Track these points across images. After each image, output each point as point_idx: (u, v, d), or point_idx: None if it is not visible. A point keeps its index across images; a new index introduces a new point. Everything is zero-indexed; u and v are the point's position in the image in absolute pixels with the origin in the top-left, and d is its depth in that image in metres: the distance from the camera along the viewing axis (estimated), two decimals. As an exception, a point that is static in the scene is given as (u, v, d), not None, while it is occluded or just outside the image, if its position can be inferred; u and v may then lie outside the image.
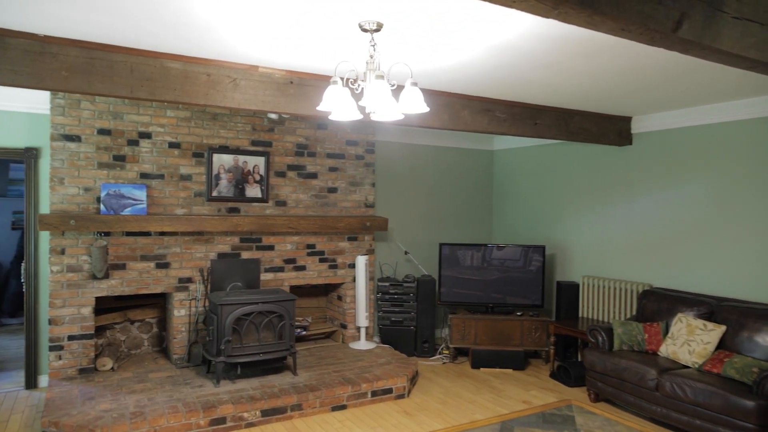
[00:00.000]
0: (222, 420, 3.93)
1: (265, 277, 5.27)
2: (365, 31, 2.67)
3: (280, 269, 5.35)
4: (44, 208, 4.66)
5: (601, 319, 5.50)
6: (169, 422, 3.75)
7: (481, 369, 5.52)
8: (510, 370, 5.49)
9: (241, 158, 5.15)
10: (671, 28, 1.85)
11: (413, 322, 5.90)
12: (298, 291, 5.85)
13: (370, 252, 5.85)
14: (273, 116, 5.22)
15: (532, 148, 6.54)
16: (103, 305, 4.93)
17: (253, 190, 5.22)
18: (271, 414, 4.11)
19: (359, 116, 2.70)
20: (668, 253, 5.00)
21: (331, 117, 2.57)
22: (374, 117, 2.75)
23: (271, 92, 3.55)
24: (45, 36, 2.94)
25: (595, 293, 5.56)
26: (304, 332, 5.53)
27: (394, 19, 2.61)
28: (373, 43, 2.68)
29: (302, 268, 5.47)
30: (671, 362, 4.22)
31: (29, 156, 4.58)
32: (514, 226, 6.78)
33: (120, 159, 4.66)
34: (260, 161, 5.24)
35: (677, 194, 4.94)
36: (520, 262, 5.79)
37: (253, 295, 4.57)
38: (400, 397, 4.66)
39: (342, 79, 2.70)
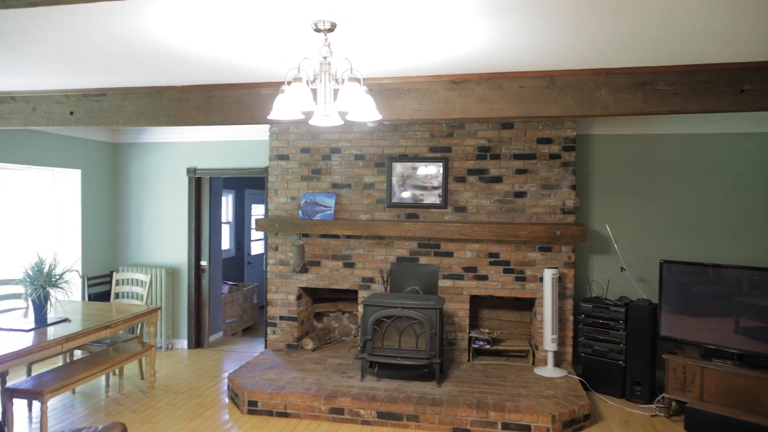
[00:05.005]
0: (340, 411, 4.23)
1: (443, 283, 5.24)
2: (319, 30, 2.57)
3: (459, 277, 5.21)
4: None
5: None
6: (296, 401, 4.29)
7: (698, 436, 4.04)
8: (744, 449, 3.83)
9: (419, 165, 5.28)
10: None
11: (621, 356, 4.76)
12: (487, 302, 5.53)
13: (568, 265, 5.02)
14: (371, 124, 5.27)
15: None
16: (321, 295, 5.89)
17: (431, 197, 5.27)
18: (386, 417, 4.16)
19: (300, 116, 2.61)
20: None
21: (271, 117, 2.58)
22: (313, 121, 2.60)
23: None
24: (182, 86, 3.91)
25: None
26: (487, 346, 5.20)
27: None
28: (327, 44, 2.56)
29: (484, 277, 5.17)
30: None
31: (265, 173, 5.91)
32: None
33: (316, 172, 5.51)
34: (438, 167, 5.24)
35: None
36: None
37: (401, 300, 4.66)
38: (539, 438, 3.93)
39: (307, 80, 2.67)
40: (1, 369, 3.37)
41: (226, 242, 8.17)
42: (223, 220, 8.05)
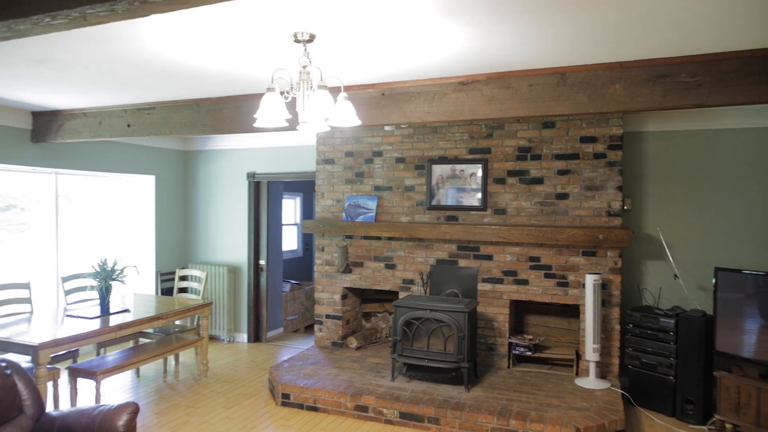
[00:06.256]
0: (364, 408, 4.32)
1: (482, 287, 5.16)
2: (298, 41, 2.71)
3: (499, 281, 5.10)
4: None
5: None
6: (324, 396, 4.46)
7: (750, 463, 3.64)
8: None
9: (458, 167, 5.24)
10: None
11: (671, 371, 4.40)
12: (533, 308, 5.34)
13: (614, 271, 4.73)
14: (388, 128, 5.22)
15: None
16: (369, 296, 6.04)
17: (471, 199, 5.21)
18: (408, 418, 4.19)
19: (284, 124, 2.74)
20: None
21: (258, 124, 2.73)
22: (303, 128, 2.71)
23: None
24: (217, 98, 4.23)
25: None
26: (528, 353, 5.04)
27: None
28: (306, 53, 2.69)
29: (524, 282, 5.02)
30: None
31: (314, 177, 6.16)
32: None
33: (359, 175, 5.65)
34: (477, 169, 5.18)
35: None
36: None
37: (431, 302, 4.67)
38: (560, 451, 3.76)
39: (289, 90, 2.81)
40: (59, 350, 3.86)
41: (293, 243, 8.58)
42: (290, 221, 8.46)
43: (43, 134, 5.02)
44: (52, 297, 5.65)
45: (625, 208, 5.03)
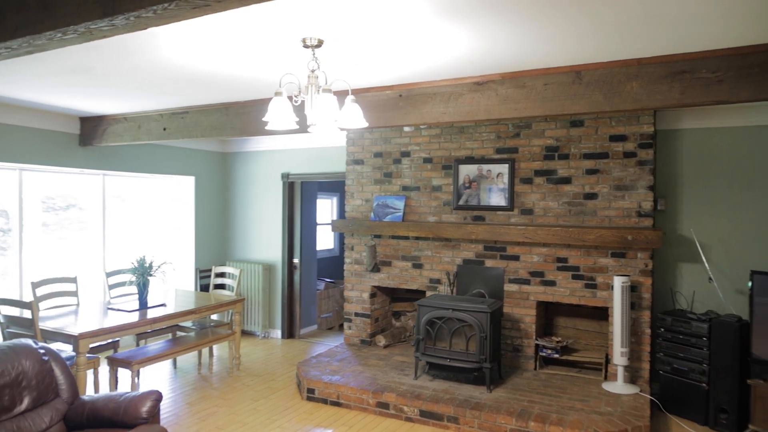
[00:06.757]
0: (385, 405, 4.39)
1: (509, 287, 5.12)
2: (307, 47, 2.80)
3: (526, 281, 5.04)
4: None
5: None
6: (347, 392, 4.55)
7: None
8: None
9: (485, 167, 5.22)
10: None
11: (704, 377, 4.24)
12: (563, 309, 5.25)
13: (645, 273, 4.59)
14: (407, 129, 5.18)
15: None
16: (399, 295, 6.10)
17: (498, 199, 5.17)
18: (428, 416, 4.23)
19: (295, 126, 2.83)
20: None
21: (269, 127, 2.84)
22: (313, 129, 2.80)
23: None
24: (245, 101, 4.40)
25: None
26: (556, 355, 4.96)
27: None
28: (315, 58, 2.78)
29: (551, 283, 4.95)
30: None
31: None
32: None
33: (388, 175, 5.72)
34: (504, 168, 5.14)
35: None
36: None
37: (454, 302, 4.68)
38: (580, 455, 3.70)
39: (294, 94, 2.91)
40: (98, 340, 4.12)
41: (329, 242, 8.73)
42: (327, 221, 8.61)
43: (89, 138, 5.35)
44: (99, 291, 6.01)
45: (659, 208, 4.88)
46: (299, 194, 6.76)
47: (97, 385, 4.48)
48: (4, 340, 3.92)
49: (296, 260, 6.76)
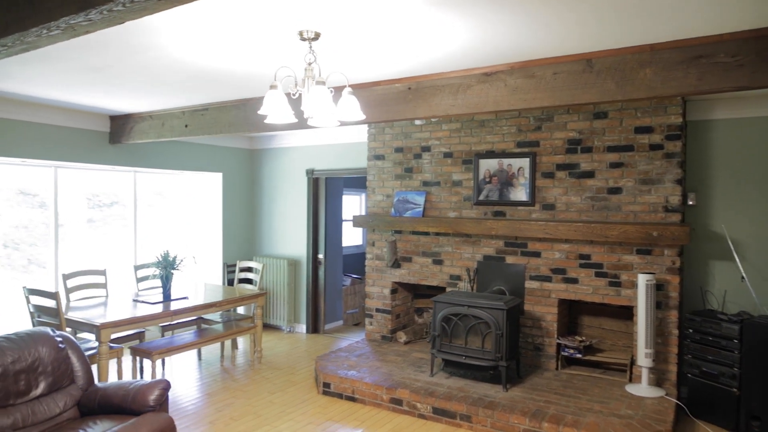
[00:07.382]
0: (399, 401, 4.36)
1: (530, 285, 4.99)
2: (304, 39, 2.79)
3: (547, 279, 4.90)
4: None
5: None
6: (361, 387, 4.54)
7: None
8: None
9: (506, 161, 5.10)
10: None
11: (734, 382, 4.01)
12: (588, 308, 5.07)
13: (672, 271, 4.38)
14: (418, 122, 5.07)
15: None
16: (421, 291, 6.05)
17: (518, 193, 5.05)
18: (440, 414, 4.17)
19: (293, 119, 2.83)
20: None
21: (267, 121, 2.84)
22: (311, 122, 2.79)
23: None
24: (261, 97, 4.45)
25: None
26: (578, 355, 4.80)
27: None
28: (311, 50, 2.77)
29: (573, 280, 4.79)
30: None
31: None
32: None
33: (408, 171, 5.67)
34: (525, 163, 5.01)
35: None
36: None
37: (471, 299, 4.59)
38: (596, 459, 3.56)
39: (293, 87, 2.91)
40: (120, 330, 4.26)
41: (357, 238, 8.75)
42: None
43: (118, 136, 5.54)
44: (131, 284, 6.23)
45: (690, 203, 4.65)
46: (324, 190, 6.80)
47: (120, 374, 4.63)
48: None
49: (321, 256, 6.81)
